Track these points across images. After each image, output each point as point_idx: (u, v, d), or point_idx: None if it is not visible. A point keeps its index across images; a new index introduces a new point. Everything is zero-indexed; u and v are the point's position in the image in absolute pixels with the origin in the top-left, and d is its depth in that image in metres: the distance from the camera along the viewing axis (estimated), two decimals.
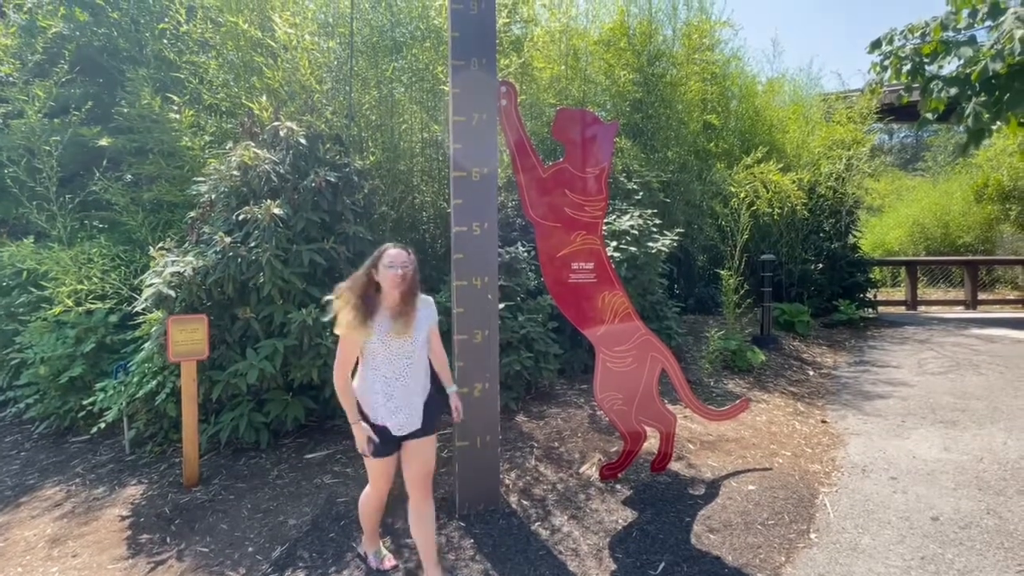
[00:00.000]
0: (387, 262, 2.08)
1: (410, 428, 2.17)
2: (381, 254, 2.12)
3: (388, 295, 2.10)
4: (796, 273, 8.41)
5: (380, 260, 2.10)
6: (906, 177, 20.04)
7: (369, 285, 2.09)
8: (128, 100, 4.86)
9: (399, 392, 2.13)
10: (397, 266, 2.07)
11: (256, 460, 3.62)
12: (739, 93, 8.43)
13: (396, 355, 2.12)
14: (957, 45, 4.85)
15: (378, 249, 2.15)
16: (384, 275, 2.07)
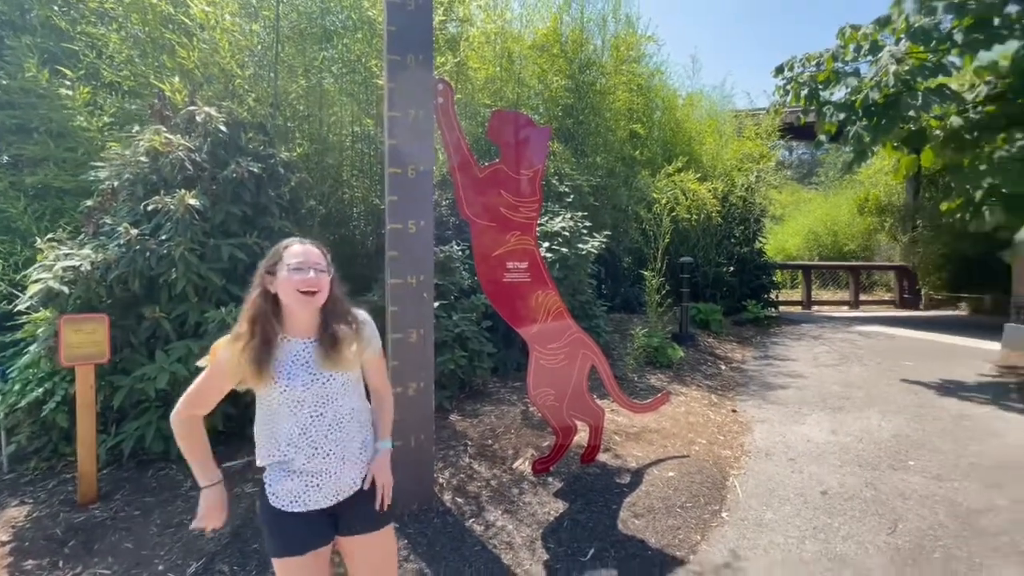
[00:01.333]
0: (291, 262, 1.40)
1: (319, 504, 1.47)
2: (279, 253, 1.43)
3: (297, 317, 1.43)
4: (711, 275, 9.06)
5: (278, 262, 1.41)
6: (803, 190, 22.22)
7: (265, 304, 1.41)
8: (8, 71, 4.30)
9: (320, 458, 1.44)
10: (307, 268, 1.39)
11: (165, 472, 3.34)
12: (662, 105, 8.94)
13: (315, 401, 1.44)
14: (845, 75, 5.49)
15: (270, 251, 1.47)
16: (286, 283, 1.38)
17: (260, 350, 1.37)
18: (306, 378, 1.42)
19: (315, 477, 1.45)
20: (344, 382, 1.48)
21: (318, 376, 1.44)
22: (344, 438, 1.49)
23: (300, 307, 1.41)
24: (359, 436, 1.55)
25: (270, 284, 1.42)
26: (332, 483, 1.47)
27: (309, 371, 1.43)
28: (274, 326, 1.42)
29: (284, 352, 1.44)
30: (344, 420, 1.49)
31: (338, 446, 1.48)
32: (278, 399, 1.43)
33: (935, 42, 5.02)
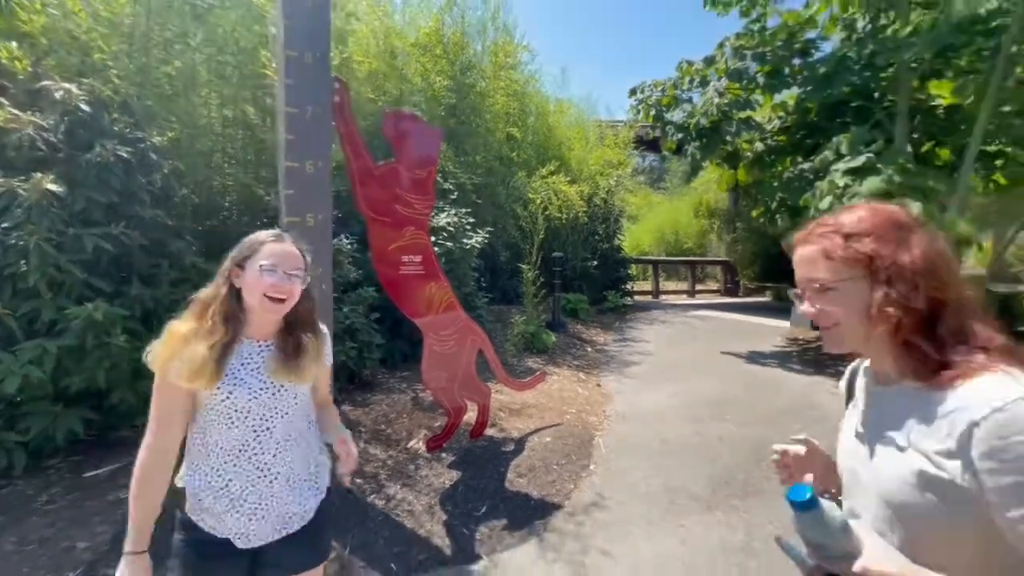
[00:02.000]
0: (264, 262, 1.24)
1: (274, 541, 1.27)
2: (254, 248, 1.27)
3: (258, 318, 1.27)
4: (578, 269, 10.05)
5: (250, 258, 1.25)
6: (653, 194, 25.18)
7: (232, 302, 1.25)
8: None
9: (267, 481, 1.25)
10: (280, 272, 1.24)
11: (9, 488, 2.97)
12: (535, 111, 9.64)
13: (266, 414, 1.26)
14: (682, 101, 6.58)
15: (244, 241, 1.30)
16: (255, 283, 1.23)
17: (224, 351, 1.21)
18: (255, 385, 1.24)
19: (259, 505, 1.24)
20: (296, 395, 1.31)
21: (268, 386, 1.26)
22: (294, 459, 1.30)
23: (264, 311, 1.24)
24: (311, 458, 1.35)
25: (236, 278, 1.25)
26: (277, 511, 1.26)
27: (259, 378, 1.25)
28: (242, 325, 1.26)
29: (241, 353, 1.26)
30: (295, 438, 1.31)
31: (286, 467, 1.28)
32: (218, 407, 1.22)
33: (745, 82, 6.30)
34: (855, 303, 0.76)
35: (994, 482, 0.63)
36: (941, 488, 0.67)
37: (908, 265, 0.74)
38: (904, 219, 0.79)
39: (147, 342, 1.26)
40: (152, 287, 3.44)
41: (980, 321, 0.75)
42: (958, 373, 0.70)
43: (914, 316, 0.73)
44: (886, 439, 0.76)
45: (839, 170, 4.65)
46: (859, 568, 0.67)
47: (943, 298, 0.73)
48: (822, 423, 4.15)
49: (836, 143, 4.97)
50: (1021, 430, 0.62)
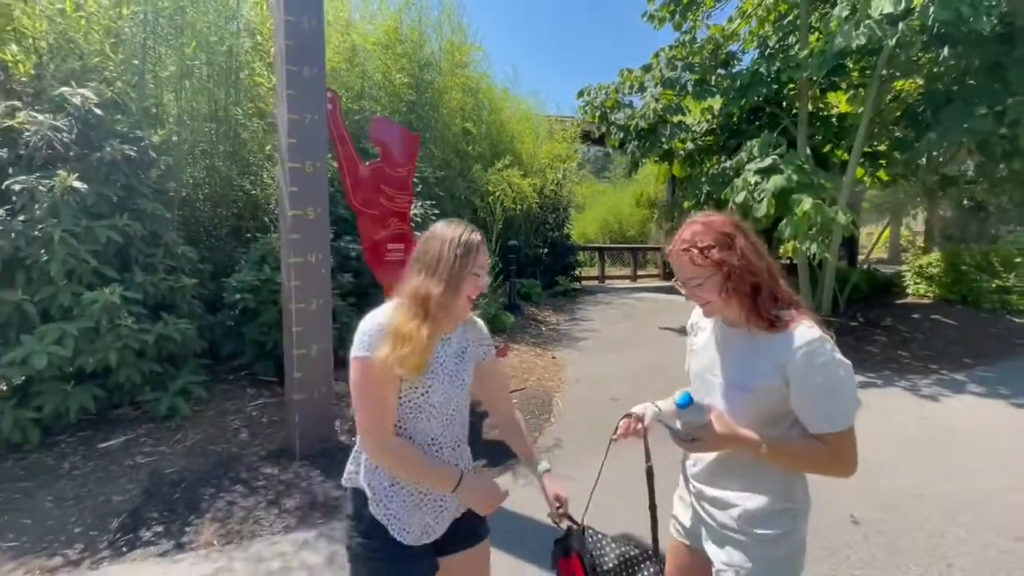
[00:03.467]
0: (480, 265, 1.27)
1: (443, 531, 1.30)
2: (471, 250, 1.25)
3: (455, 316, 1.30)
4: (531, 256, 10.72)
5: (467, 258, 1.24)
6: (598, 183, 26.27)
7: (455, 297, 1.24)
8: None
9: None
10: (485, 272, 1.29)
11: (27, 461, 3.25)
12: (489, 107, 10.13)
13: (451, 407, 1.30)
14: (624, 105, 7.33)
15: (470, 238, 1.26)
16: (468, 285, 1.25)
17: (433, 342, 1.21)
18: (445, 379, 1.26)
19: (442, 500, 1.27)
20: (466, 386, 1.33)
21: (455, 378, 1.28)
22: (466, 450, 1.38)
23: (463, 310, 1.28)
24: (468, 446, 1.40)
25: (463, 279, 1.23)
26: (455, 504, 1.30)
27: (448, 371, 1.27)
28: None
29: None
30: (466, 429, 1.37)
31: (464, 460, 1.35)
32: (416, 401, 1.22)
33: (678, 88, 7.12)
34: (715, 289, 1.16)
35: (797, 388, 1.08)
36: (768, 392, 1.11)
37: (738, 264, 1.13)
38: (728, 229, 1.16)
39: (149, 325, 1.45)
40: (151, 274, 3.75)
41: (782, 287, 1.16)
42: (781, 324, 1.11)
43: (747, 293, 1.14)
44: (735, 362, 1.20)
45: (751, 169, 5.53)
46: (713, 422, 1.14)
47: (759, 280, 1.14)
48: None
49: (749, 146, 5.86)
50: (817, 358, 1.05)
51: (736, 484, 1.22)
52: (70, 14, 3.24)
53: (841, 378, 1.06)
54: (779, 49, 6.66)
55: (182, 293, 3.99)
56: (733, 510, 1.20)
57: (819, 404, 1.07)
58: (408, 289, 1.22)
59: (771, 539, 1.16)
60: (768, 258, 1.18)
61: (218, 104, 4.45)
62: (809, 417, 1.09)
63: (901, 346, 6.43)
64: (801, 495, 1.20)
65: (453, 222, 1.30)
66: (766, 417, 1.14)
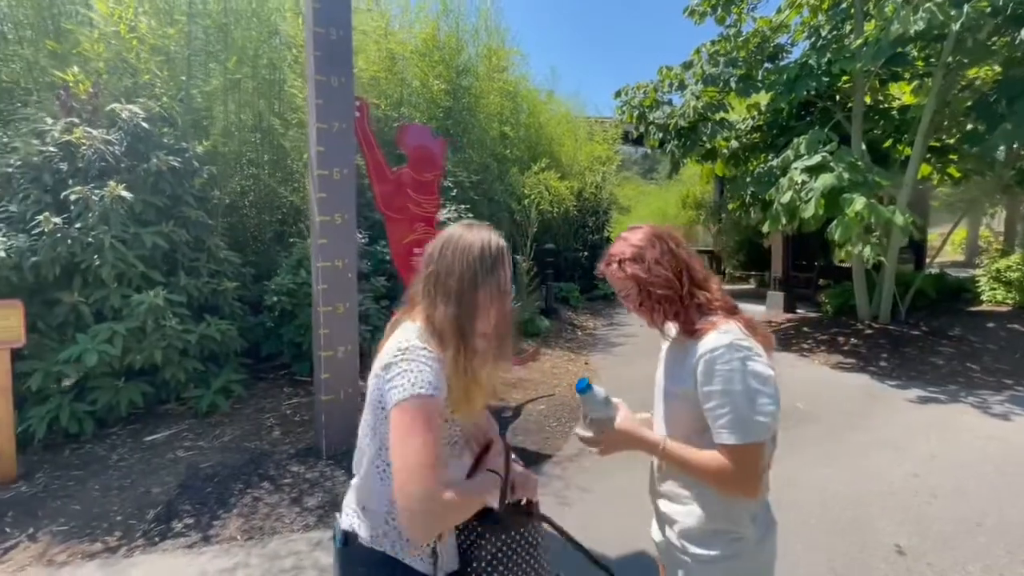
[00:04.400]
0: (505, 279, 1.09)
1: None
2: (498, 260, 1.08)
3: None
4: (570, 259, 10.61)
5: (493, 272, 1.07)
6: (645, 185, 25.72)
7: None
8: None
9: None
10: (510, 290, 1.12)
11: (82, 450, 3.50)
12: (527, 110, 10.12)
13: (463, 440, 1.17)
14: (663, 103, 7.12)
15: (499, 243, 1.10)
16: (493, 304, 1.07)
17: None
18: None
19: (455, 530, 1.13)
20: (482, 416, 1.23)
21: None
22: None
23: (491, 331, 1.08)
24: None
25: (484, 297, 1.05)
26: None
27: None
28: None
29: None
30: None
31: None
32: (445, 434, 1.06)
33: (721, 85, 6.83)
34: (637, 302, 1.18)
35: (700, 394, 1.06)
36: (686, 396, 1.10)
37: (646, 276, 1.13)
38: (641, 242, 1.16)
39: (193, 325, 1.49)
40: (194, 277, 3.96)
41: (709, 295, 1.14)
42: (698, 331, 1.09)
43: (659, 303, 1.13)
44: (666, 368, 1.24)
45: (798, 168, 5.20)
46: (617, 424, 1.16)
47: (670, 291, 1.13)
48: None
49: (796, 143, 5.53)
50: (718, 365, 1.02)
51: (678, 498, 1.17)
52: (124, 35, 3.50)
53: (741, 390, 1.00)
54: (832, 39, 6.25)
55: (224, 296, 4.19)
56: (676, 526, 1.17)
57: (716, 413, 1.03)
58: (430, 317, 1.03)
59: (707, 561, 1.09)
60: (691, 266, 1.16)
61: (261, 115, 4.66)
62: (711, 425, 1.05)
63: (970, 358, 5.86)
64: (745, 521, 1.10)
65: (473, 225, 1.10)
66: (698, 424, 1.09)
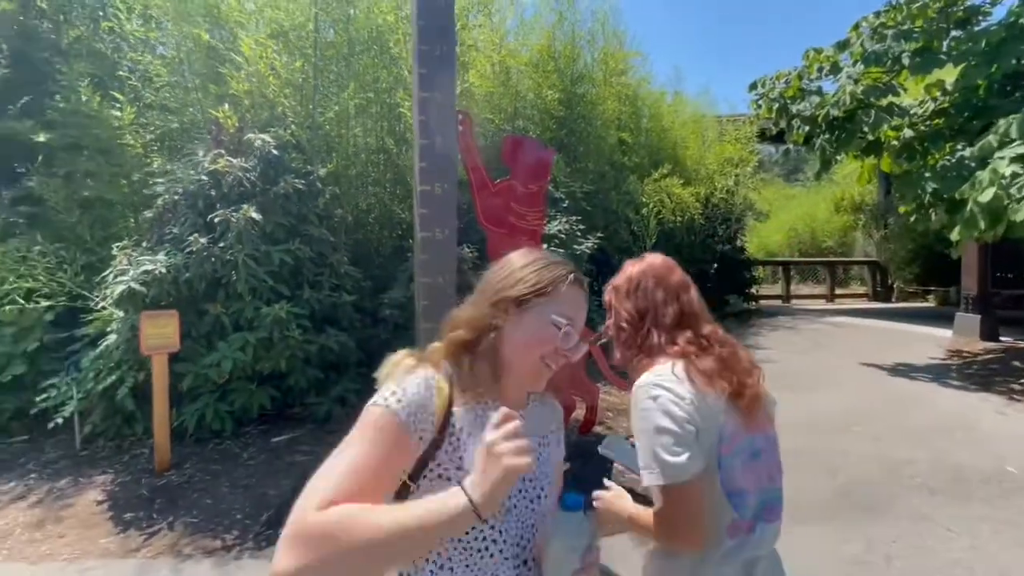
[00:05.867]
0: (561, 312, 0.85)
1: None
2: (544, 287, 0.85)
3: (515, 381, 0.87)
4: (694, 272, 9.70)
5: (539, 298, 0.85)
6: (789, 187, 23.01)
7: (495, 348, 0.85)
8: (62, 94, 4.77)
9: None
10: (576, 326, 0.87)
11: (222, 446, 3.88)
12: (648, 113, 9.55)
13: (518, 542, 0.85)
14: (809, 92, 6.13)
15: (542, 270, 0.87)
16: (534, 338, 0.84)
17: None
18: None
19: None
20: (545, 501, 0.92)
21: (525, 492, 0.88)
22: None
23: (531, 378, 0.87)
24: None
25: (500, 319, 0.84)
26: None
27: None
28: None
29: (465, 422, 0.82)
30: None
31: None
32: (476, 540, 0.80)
33: (888, 63, 5.68)
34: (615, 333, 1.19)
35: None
36: None
37: (616, 309, 1.17)
38: (631, 275, 1.17)
39: (314, 336, 1.60)
40: (317, 291, 4.23)
41: (675, 333, 1.09)
42: (638, 373, 1.07)
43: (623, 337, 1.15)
44: None
45: (1005, 157, 4.02)
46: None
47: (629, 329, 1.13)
48: (977, 445, 3.67)
49: (1002, 126, 4.29)
50: (636, 404, 1.02)
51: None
52: (264, 72, 3.92)
53: (651, 428, 0.98)
54: None
55: (343, 308, 4.42)
56: None
57: (639, 450, 1.02)
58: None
59: None
60: (658, 307, 1.12)
61: (381, 138, 4.91)
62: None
63: None
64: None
65: (537, 253, 0.92)
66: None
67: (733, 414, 1.02)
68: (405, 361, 0.85)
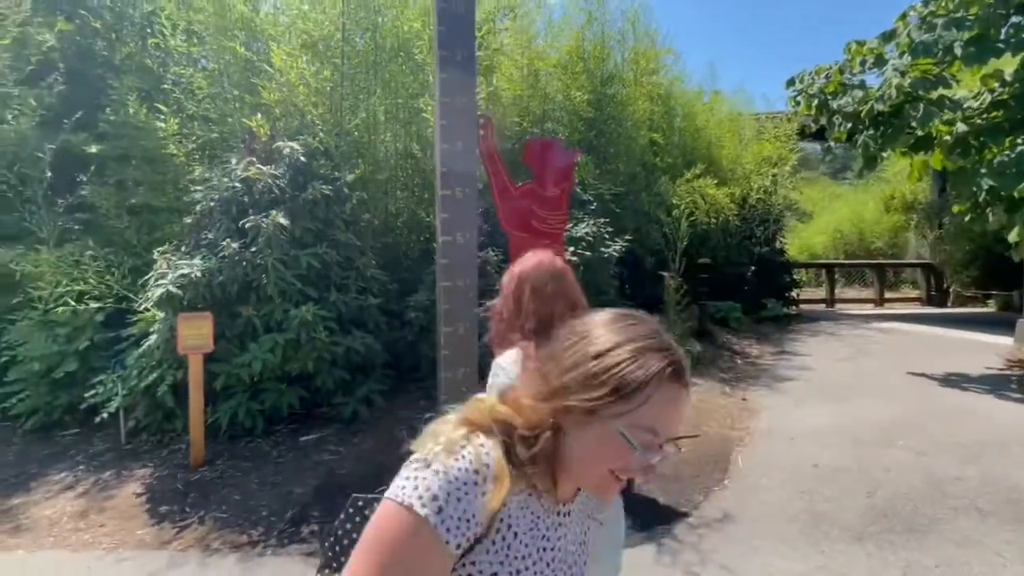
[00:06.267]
0: (648, 425, 0.66)
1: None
2: (635, 387, 0.65)
3: (572, 480, 0.72)
4: (731, 275, 9.40)
5: (624, 402, 0.65)
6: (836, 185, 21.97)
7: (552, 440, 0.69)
8: (113, 108, 5.07)
9: None
10: (663, 438, 0.68)
11: (253, 444, 4.01)
12: (681, 112, 9.32)
13: None
14: (851, 87, 5.84)
15: (640, 350, 0.67)
16: (610, 450, 0.67)
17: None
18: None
19: None
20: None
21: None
22: None
23: (598, 491, 0.74)
24: None
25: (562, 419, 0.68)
26: None
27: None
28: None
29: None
30: None
31: None
32: None
33: (939, 53, 5.34)
34: None
35: None
36: None
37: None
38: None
39: (340, 338, 1.87)
40: (343, 294, 4.32)
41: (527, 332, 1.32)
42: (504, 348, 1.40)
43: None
44: None
45: None
46: None
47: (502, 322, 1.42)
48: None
49: None
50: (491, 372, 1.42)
51: None
52: (294, 82, 4.05)
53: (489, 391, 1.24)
54: None
55: (368, 311, 4.50)
56: None
57: None
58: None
59: None
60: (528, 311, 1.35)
61: (406, 144, 4.99)
62: None
63: None
64: None
65: (628, 318, 0.73)
66: None
67: None
68: (453, 435, 0.65)
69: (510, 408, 0.69)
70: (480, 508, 0.61)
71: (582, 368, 0.67)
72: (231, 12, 4.61)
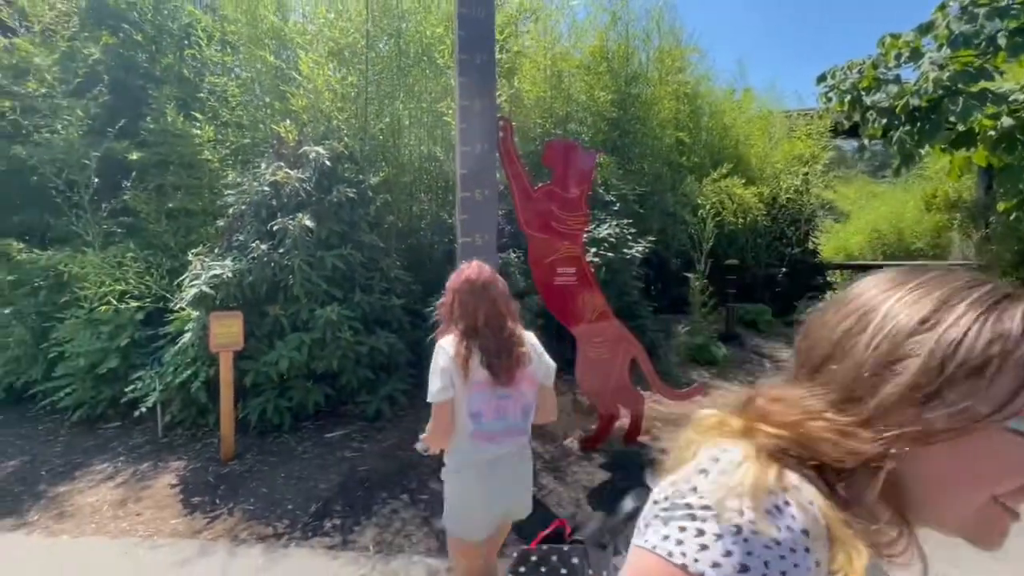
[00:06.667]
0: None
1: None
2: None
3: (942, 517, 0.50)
4: (760, 276, 9.18)
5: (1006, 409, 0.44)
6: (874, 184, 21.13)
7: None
8: (152, 116, 5.32)
9: None
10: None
11: (281, 439, 4.14)
12: (708, 111, 9.16)
13: None
14: (886, 82, 5.63)
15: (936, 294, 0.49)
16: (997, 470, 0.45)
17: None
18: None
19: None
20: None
21: None
22: None
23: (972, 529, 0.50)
24: None
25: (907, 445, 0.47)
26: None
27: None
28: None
29: None
30: None
31: None
32: None
33: (982, 44, 5.10)
34: None
35: None
36: None
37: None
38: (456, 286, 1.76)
39: (365, 337, 2.28)
40: (367, 294, 4.42)
41: (459, 323, 1.70)
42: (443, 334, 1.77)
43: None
44: None
45: None
46: None
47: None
48: None
49: None
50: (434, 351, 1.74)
51: None
52: (320, 88, 4.18)
53: (432, 368, 1.65)
54: None
55: (392, 311, 4.59)
56: None
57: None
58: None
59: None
60: (457, 308, 1.71)
61: (430, 147, 5.07)
62: None
63: None
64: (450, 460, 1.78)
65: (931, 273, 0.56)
66: None
67: (486, 372, 1.63)
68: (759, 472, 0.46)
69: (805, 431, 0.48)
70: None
71: (954, 363, 0.45)
72: (262, 23, 4.78)
